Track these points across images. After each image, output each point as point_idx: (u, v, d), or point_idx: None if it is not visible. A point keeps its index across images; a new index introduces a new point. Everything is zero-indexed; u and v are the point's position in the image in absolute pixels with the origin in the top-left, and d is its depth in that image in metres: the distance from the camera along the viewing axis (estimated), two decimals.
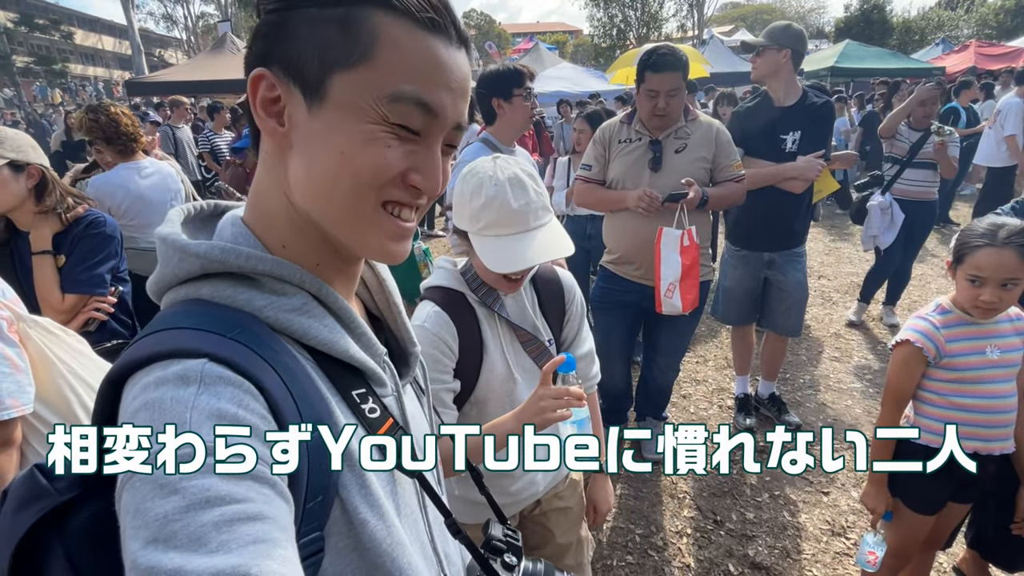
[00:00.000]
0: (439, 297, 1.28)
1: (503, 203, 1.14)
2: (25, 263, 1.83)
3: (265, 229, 0.56)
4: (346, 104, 0.49)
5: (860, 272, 5.40)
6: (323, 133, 0.50)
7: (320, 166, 0.51)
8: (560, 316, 1.43)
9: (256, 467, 0.42)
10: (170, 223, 0.56)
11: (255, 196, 0.57)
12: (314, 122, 0.50)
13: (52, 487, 0.48)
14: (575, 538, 1.52)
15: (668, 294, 2.37)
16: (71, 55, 42.77)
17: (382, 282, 0.71)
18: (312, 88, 0.50)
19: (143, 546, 0.36)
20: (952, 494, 1.68)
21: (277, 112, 0.52)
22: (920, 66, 13.75)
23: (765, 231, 2.90)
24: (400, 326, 0.71)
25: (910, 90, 5.46)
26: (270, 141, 0.54)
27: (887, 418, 1.70)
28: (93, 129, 2.51)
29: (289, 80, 0.51)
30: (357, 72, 0.49)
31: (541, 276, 1.41)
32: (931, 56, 16.24)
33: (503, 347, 1.32)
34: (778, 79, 2.73)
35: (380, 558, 0.54)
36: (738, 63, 14.52)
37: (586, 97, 10.46)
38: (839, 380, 3.59)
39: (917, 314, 1.68)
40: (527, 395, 1.31)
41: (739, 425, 3.10)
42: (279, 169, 0.54)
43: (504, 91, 2.29)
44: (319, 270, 0.57)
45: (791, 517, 2.47)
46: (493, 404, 1.32)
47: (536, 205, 1.16)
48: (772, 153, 2.72)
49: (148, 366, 0.46)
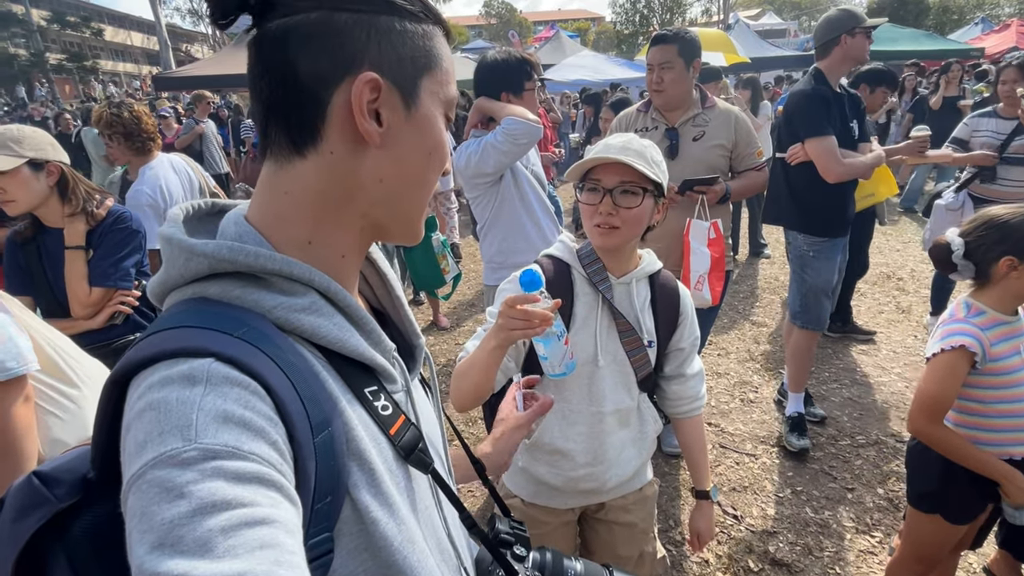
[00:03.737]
0: (544, 262, 1.36)
1: (603, 144, 1.26)
2: (53, 258, 1.87)
3: (278, 227, 0.55)
4: (428, 106, 0.57)
5: (890, 263, 5.25)
6: (417, 135, 0.56)
7: (412, 163, 0.57)
8: (671, 324, 1.39)
9: (262, 470, 0.42)
10: (172, 223, 0.55)
11: (273, 196, 0.55)
12: (409, 124, 0.56)
13: (51, 494, 0.48)
14: (636, 552, 1.48)
15: (698, 287, 2.33)
16: (101, 51, 43.83)
17: (382, 276, 0.70)
18: (408, 90, 0.55)
19: (149, 551, 0.36)
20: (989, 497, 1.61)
21: (372, 112, 0.53)
22: (957, 47, 13.20)
23: (849, 213, 2.75)
24: (403, 319, 0.70)
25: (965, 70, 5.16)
26: (347, 142, 0.53)
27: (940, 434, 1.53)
28: (114, 124, 2.55)
29: (390, 83, 0.54)
30: (432, 77, 0.57)
31: (661, 280, 1.38)
32: (969, 36, 15.59)
33: (596, 329, 1.32)
34: (843, 67, 2.64)
35: (392, 557, 0.54)
36: (765, 48, 14.16)
37: (607, 86, 10.33)
38: (866, 374, 3.50)
39: (954, 318, 1.57)
40: (608, 382, 1.34)
41: (791, 446, 2.78)
42: (346, 166, 0.54)
43: (515, 84, 2.11)
44: (344, 262, 0.59)
45: (814, 514, 2.42)
46: (569, 379, 1.30)
47: (633, 145, 1.23)
48: (846, 141, 2.57)
49: (153, 365, 0.45)
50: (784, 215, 2.86)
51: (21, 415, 1.22)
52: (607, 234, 1.26)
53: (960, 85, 6.94)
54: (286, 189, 0.55)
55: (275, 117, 0.54)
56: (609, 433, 1.37)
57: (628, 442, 1.40)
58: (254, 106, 0.55)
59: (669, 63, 2.30)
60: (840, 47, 2.53)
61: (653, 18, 33.87)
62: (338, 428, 0.51)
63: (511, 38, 25.40)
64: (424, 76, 0.56)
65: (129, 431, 0.42)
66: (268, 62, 0.52)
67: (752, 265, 5.53)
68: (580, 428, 1.36)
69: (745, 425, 3.07)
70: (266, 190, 0.56)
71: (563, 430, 1.36)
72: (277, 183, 0.55)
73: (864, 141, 2.68)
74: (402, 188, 0.58)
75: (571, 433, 1.36)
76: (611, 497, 1.44)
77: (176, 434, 0.40)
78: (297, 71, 0.51)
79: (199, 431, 0.40)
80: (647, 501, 1.50)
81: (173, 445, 0.40)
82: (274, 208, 0.56)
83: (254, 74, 0.54)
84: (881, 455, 2.75)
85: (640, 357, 1.34)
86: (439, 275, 3.81)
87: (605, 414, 1.35)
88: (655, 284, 1.37)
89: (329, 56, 0.51)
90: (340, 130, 0.53)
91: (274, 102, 0.53)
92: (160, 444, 0.40)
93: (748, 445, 2.90)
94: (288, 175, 0.54)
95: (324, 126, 0.53)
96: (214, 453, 0.40)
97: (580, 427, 1.36)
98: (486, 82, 2.15)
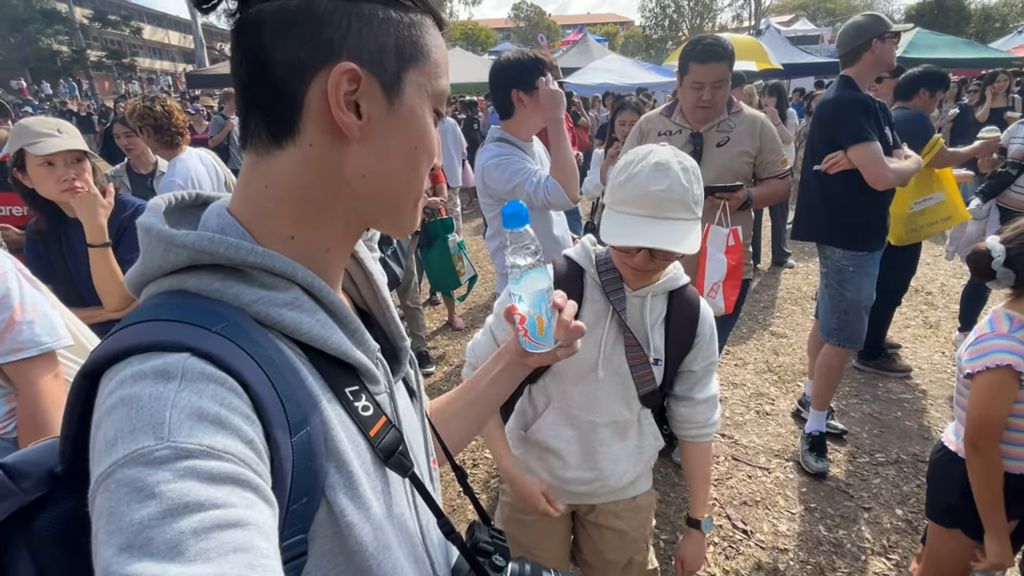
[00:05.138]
0: (559, 262, 1.34)
1: (640, 184, 1.13)
2: (74, 250, 1.87)
3: (259, 221, 0.54)
4: (414, 100, 0.55)
5: (919, 277, 5.08)
6: (400, 129, 0.54)
7: (396, 158, 0.55)
8: (684, 344, 1.32)
9: (237, 470, 0.40)
10: (152, 212, 0.53)
11: (254, 189, 0.54)
12: (392, 118, 0.53)
13: (17, 487, 0.47)
14: (625, 559, 1.47)
15: (711, 294, 2.28)
16: (140, 49, 45.14)
17: (369, 276, 0.68)
18: (390, 82, 0.53)
19: (116, 553, 0.35)
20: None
21: (350, 104, 0.51)
22: (999, 56, 12.77)
23: (888, 224, 2.65)
24: (389, 320, 0.68)
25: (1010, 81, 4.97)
26: (326, 134, 0.52)
27: (994, 460, 1.46)
28: (146, 116, 2.63)
29: (371, 74, 0.51)
30: (420, 69, 0.54)
31: (682, 297, 1.31)
32: (1011, 45, 15.06)
33: (602, 338, 1.28)
34: (873, 72, 2.56)
35: (366, 562, 0.52)
36: (796, 54, 13.87)
37: (632, 90, 10.27)
38: (888, 390, 3.39)
39: (996, 332, 1.48)
40: (606, 393, 1.32)
41: (808, 467, 2.67)
42: (326, 160, 0.52)
43: (526, 83, 2.05)
44: (328, 256, 0.57)
45: (827, 532, 2.35)
46: (569, 383, 1.32)
47: (675, 196, 1.11)
48: (885, 147, 2.47)
49: (126, 359, 0.43)
50: (819, 229, 2.69)
51: (52, 390, 1.23)
52: (639, 277, 1.24)
53: (1009, 95, 6.67)
54: (266, 183, 0.53)
55: (253, 107, 0.52)
56: (603, 444, 1.35)
57: (624, 455, 1.38)
58: (235, 95, 0.54)
59: (722, 81, 2.24)
60: (870, 52, 2.45)
61: (683, 22, 33.55)
62: (316, 428, 0.49)
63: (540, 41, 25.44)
64: (410, 68, 0.54)
65: (99, 427, 0.41)
66: (246, 49, 0.51)
67: (774, 275, 5.42)
68: (573, 432, 1.35)
69: (760, 438, 3.00)
70: (247, 183, 0.54)
71: (558, 430, 1.35)
72: (257, 176, 0.54)
73: (897, 147, 2.59)
74: (386, 183, 0.56)
75: (565, 434, 1.35)
76: (602, 502, 1.43)
77: (148, 432, 0.39)
78: (273, 60, 0.49)
79: (172, 429, 0.39)
80: (640, 511, 1.47)
81: (144, 443, 0.38)
82: (255, 202, 0.54)
83: (234, 61, 0.52)
84: (901, 474, 2.66)
85: (644, 373, 1.29)
86: (455, 276, 3.82)
87: (599, 424, 1.33)
88: (673, 301, 1.31)
89: (306, 44, 0.49)
90: (318, 122, 0.51)
91: (252, 92, 0.51)
92: (131, 442, 0.38)
93: (762, 458, 2.83)
94: (268, 168, 0.53)
95: (302, 118, 0.51)
96: (187, 452, 0.38)
97: (573, 431, 1.35)
98: (498, 79, 2.11)
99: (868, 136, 2.36)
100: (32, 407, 1.22)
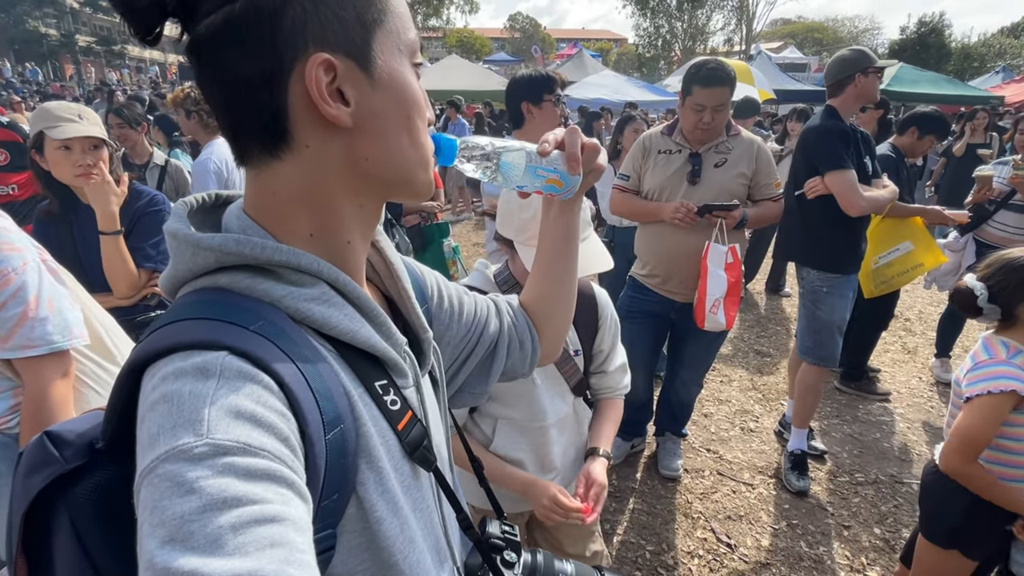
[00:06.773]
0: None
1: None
2: (85, 235, 1.86)
3: (276, 223, 0.54)
4: (391, 64, 0.53)
5: (898, 304, 5.22)
6: (389, 99, 0.53)
7: (393, 131, 0.54)
8: (592, 330, 1.45)
9: (273, 466, 0.41)
10: (177, 217, 0.54)
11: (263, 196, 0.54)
12: (378, 92, 0.52)
13: (60, 455, 0.49)
14: (582, 551, 1.52)
15: (713, 310, 2.34)
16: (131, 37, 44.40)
17: (390, 265, 0.68)
18: (364, 56, 0.51)
19: (160, 545, 0.36)
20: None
21: (334, 94, 0.49)
22: (977, 94, 13.25)
23: (862, 249, 2.76)
24: (411, 310, 0.68)
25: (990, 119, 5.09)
26: (319, 131, 0.51)
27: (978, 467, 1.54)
28: (201, 101, 2.78)
29: (342, 55, 0.49)
30: (385, 28, 0.52)
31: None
32: (990, 84, 15.65)
33: None
34: (855, 105, 2.65)
35: (392, 557, 0.53)
36: (785, 80, 14.22)
37: (623, 105, 10.42)
38: (868, 412, 3.48)
39: (995, 359, 1.55)
40: (547, 397, 1.38)
41: (790, 486, 2.73)
42: (326, 156, 0.52)
43: (535, 96, 2.30)
44: (350, 248, 0.57)
45: (808, 548, 2.40)
46: (511, 400, 1.38)
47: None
48: (861, 176, 2.57)
49: (168, 356, 0.45)
50: (797, 250, 2.85)
51: (58, 391, 1.20)
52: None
53: (988, 132, 6.88)
54: (273, 190, 0.53)
55: (239, 126, 0.51)
56: (553, 443, 1.42)
57: (569, 445, 1.47)
58: (216, 117, 0.52)
59: (723, 105, 2.31)
60: (854, 86, 2.55)
61: (676, 44, 34.15)
62: (349, 425, 0.50)
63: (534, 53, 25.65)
64: (376, 32, 0.51)
65: (143, 422, 0.42)
66: (210, 75, 0.49)
67: (761, 295, 5.53)
68: (526, 440, 1.41)
69: (744, 454, 3.05)
70: (255, 191, 0.54)
71: (512, 440, 1.41)
72: (263, 186, 0.54)
73: (876, 177, 2.69)
74: (391, 159, 0.55)
75: (520, 443, 1.41)
76: None
77: (188, 428, 0.40)
78: (241, 77, 0.48)
79: (211, 426, 0.40)
80: None
81: (184, 440, 0.39)
82: (267, 207, 0.54)
83: (202, 83, 0.50)
84: (879, 495, 2.73)
85: (570, 367, 1.40)
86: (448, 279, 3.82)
87: (548, 427, 1.40)
88: None
89: (268, 48, 0.47)
90: (308, 122, 0.50)
91: (232, 115, 0.51)
92: (172, 438, 0.39)
93: (746, 474, 2.88)
94: (271, 178, 0.53)
95: (290, 125, 0.50)
96: (225, 449, 0.39)
97: (525, 439, 1.41)
98: (512, 91, 2.34)
99: (844, 164, 2.46)
100: (36, 405, 1.19)
